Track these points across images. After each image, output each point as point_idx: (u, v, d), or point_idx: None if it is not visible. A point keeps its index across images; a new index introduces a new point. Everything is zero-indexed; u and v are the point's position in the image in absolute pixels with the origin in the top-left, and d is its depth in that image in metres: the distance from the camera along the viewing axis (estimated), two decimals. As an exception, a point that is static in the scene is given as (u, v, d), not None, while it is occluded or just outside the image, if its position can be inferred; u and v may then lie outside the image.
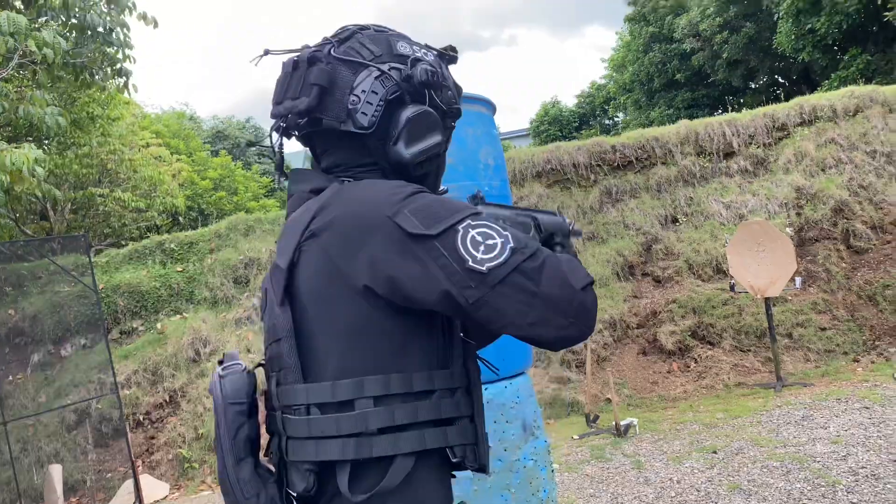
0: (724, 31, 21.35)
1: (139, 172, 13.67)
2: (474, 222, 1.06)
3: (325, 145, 1.28)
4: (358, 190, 1.15)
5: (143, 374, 7.45)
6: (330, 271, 1.10)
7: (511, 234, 1.06)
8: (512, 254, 1.03)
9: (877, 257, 7.58)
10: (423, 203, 1.08)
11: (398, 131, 1.20)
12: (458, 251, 1.03)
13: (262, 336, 1.27)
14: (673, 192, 8.50)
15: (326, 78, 1.19)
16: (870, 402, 5.59)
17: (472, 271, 1.02)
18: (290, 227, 1.20)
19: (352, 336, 1.10)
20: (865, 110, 8.63)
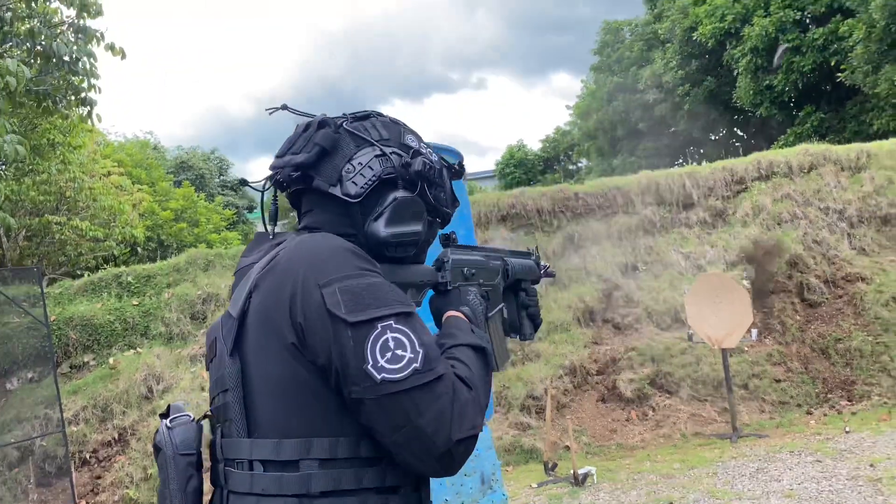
0: (686, 84, 21.99)
1: (99, 201, 13.41)
2: (396, 324, 1.06)
3: (311, 205, 1.29)
4: (306, 245, 1.15)
5: (93, 411, 7.23)
6: (266, 322, 1.11)
7: (424, 351, 1.05)
8: (412, 374, 1.03)
9: (829, 311, 7.76)
10: (357, 285, 1.08)
11: (382, 209, 1.22)
12: (363, 348, 1.04)
13: (209, 385, 1.27)
14: (633, 240, 8.64)
15: (330, 142, 1.23)
16: (822, 456, 5.67)
17: (365, 374, 1.03)
18: (246, 276, 1.21)
19: (287, 394, 1.09)
20: (819, 168, 8.92)
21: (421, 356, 1.05)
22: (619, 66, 24.80)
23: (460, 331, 1.24)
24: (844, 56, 17.45)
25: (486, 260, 1.46)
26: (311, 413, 1.08)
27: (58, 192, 12.72)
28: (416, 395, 1.03)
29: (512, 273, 1.51)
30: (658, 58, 22.98)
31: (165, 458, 1.18)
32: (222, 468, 1.16)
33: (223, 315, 1.22)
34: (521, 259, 1.57)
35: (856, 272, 7.93)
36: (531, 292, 1.56)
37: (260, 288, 1.14)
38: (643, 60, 24.12)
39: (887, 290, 7.71)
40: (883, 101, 16.66)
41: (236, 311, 1.16)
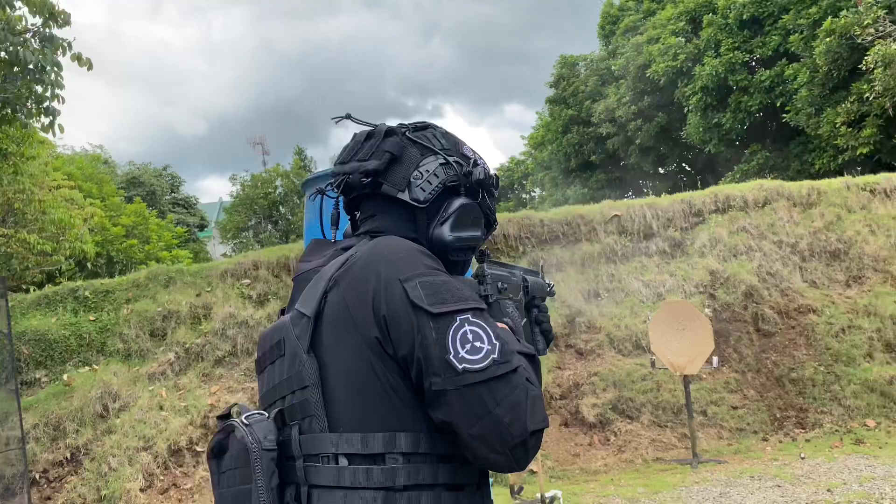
0: (639, 119, 22.60)
1: (48, 214, 13.00)
2: (473, 318, 1.11)
3: (375, 210, 1.34)
4: (383, 245, 1.19)
5: (44, 429, 6.97)
6: (346, 319, 1.14)
7: (501, 343, 1.10)
8: (491, 364, 1.07)
9: (783, 341, 8.02)
10: (435, 281, 1.13)
11: (448, 214, 1.28)
12: (445, 339, 1.08)
13: (264, 388, 1.30)
14: (596, 267, 8.80)
15: (399, 149, 1.29)
16: (781, 481, 5.84)
17: (447, 364, 1.07)
18: (317, 277, 1.24)
19: (367, 389, 1.12)
20: (773, 203, 9.26)
21: (498, 348, 1.09)
22: (573, 99, 25.35)
23: (511, 339, 1.24)
24: (789, 98, 18.22)
25: (510, 276, 1.52)
26: (391, 408, 1.12)
27: (6, 203, 12.32)
28: (494, 386, 1.06)
29: (531, 290, 1.57)
30: (612, 93, 23.58)
31: (249, 454, 1.16)
32: (301, 464, 1.17)
33: (291, 315, 1.24)
34: (534, 277, 1.63)
35: (807, 304, 8.24)
36: (543, 309, 1.62)
37: (339, 286, 1.17)
38: (597, 95, 24.70)
39: (837, 321, 8.02)
40: (824, 143, 17.41)
41: (310, 310, 1.19)
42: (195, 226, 24.38)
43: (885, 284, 8.49)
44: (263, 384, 1.30)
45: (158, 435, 6.95)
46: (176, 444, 6.92)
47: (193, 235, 23.73)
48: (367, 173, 1.28)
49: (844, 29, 15.13)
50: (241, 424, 1.20)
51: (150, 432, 6.99)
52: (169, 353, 7.73)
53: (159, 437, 6.91)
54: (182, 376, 7.58)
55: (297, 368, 1.18)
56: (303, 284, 1.30)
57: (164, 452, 6.86)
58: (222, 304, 8.04)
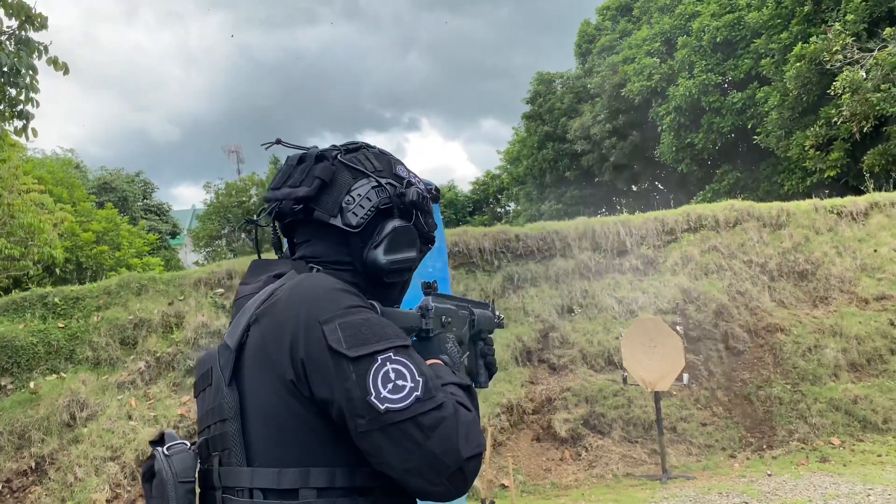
0: (613, 138, 22.89)
1: (17, 218, 12.80)
2: (395, 356, 1.10)
3: (308, 235, 1.34)
4: (306, 284, 1.19)
5: (8, 437, 6.83)
6: (263, 358, 1.15)
7: (424, 380, 1.09)
8: (415, 402, 1.07)
9: (751, 359, 8.15)
10: (356, 321, 1.13)
11: (382, 237, 1.28)
12: (366, 380, 1.07)
13: (198, 413, 1.31)
14: (570, 283, 8.88)
15: (329, 174, 1.29)
16: (748, 497, 5.92)
17: (369, 406, 1.07)
18: (244, 309, 1.25)
19: (284, 425, 1.13)
20: (744, 223, 9.44)
21: (421, 384, 1.09)
22: (549, 115, 25.60)
23: (444, 373, 1.27)
24: (760, 120, 18.59)
25: (457, 309, 1.53)
26: (307, 444, 1.13)
27: (-26, 206, 12.11)
28: (422, 421, 1.06)
29: (477, 324, 1.58)
30: (587, 110, 23.86)
31: (165, 486, 1.18)
32: (220, 495, 1.19)
33: (220, 345, 1.25)
34: (483, 310, 1.64)
35: (776, 323, 8.38)
36: (489, 342, 1.63)
37: (260, 323, 1.18)
38: (573, 112, 24.98)
39: (804, 341, 8.17)
40: (793, 165, 17.79)
41: (233, 342, 1.20)
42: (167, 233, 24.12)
43: (851, 305, 8.68)
44: (199, 409, 1.31)
45: (126, 445, 6.85)
46: (144, 454, 6.81)
47: (165, 243, 23.48)
48: (298, 200, 1.28)
49: (814, 54, 15.49)
50: (161, 455, 1.21)
51: (118, 442, 6.89)
52: (139, 362, 7.64)
53: (127, 448, 6.82)
54: (152, 386, 7.49)
55: (219, 400, 1.20)
56: (237, 311, 1.32)
57: (132, 463, 6.76)
58: (195, 314, 7.97)
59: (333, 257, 1.30)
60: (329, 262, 1.30)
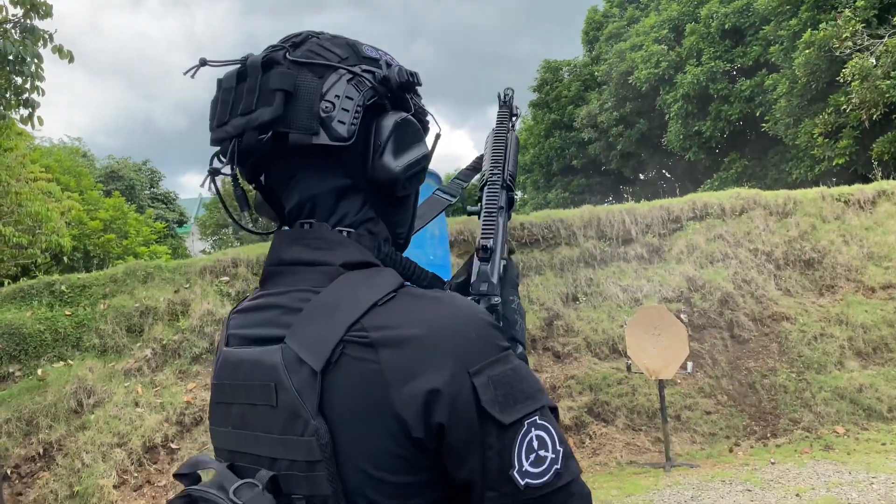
0: (620, 125, 22.80)
1: (25, 207, 12.89)
2: (540, 420, 0.90)
3: (289, 172, 1.03)
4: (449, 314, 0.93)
5: (17, 424, 6.90)
6: (377, 394, 0.88)
7: (564, 448, 0.92)
8: (554, 477, 0.90)
9: (756, 348, 8.14)
10: (507, 373, 0.90)
11: (383, 141, 1.01)
12: (511, 451, 0.88)
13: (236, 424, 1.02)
14: (575, 271, 8.87)
15: (290, 81, 0.97)
16: (751, 485, 5.93)
17: (509, 480, 0.88)
18: (319, 311, 0.94)
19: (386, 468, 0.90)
20: (750, 211, 9.40)
21: (562, 455, 0.91)
22: (556, 103, 25.52)
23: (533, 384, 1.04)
24: (768, 108, 18.48)
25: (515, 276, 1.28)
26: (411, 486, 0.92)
27: (-19, 195, 12.19)
28: (553, 498, 0.91)
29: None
30: (594, 98, 23.77)
31: None
32: None
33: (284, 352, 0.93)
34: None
35: (781, 311, 8.36)
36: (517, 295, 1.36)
37: (373, 350, 0.89)
38: (580, 100, 24.89)
39: (809, 329, 8.15)
40: (801, 153, 17.69)
41: (317, 361, 0.90)
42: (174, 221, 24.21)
43: (857, 294, 8.65)
44: (228, 421, 1.03)
45: (133, 431, 6.91)
46: (151, 440, 6.88)
47: (172, 231, 23.56)
48: (264, 127, 0.96)
49: (823, 41, 15.37)
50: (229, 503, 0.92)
51: (125, 429, 6.95)
52: (145, 350, 7.68)
53: (134, 434, 6.87)
54: (158, 373, 7.54)
55: (299, 432, 0.91)
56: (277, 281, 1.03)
57: (139, 449, 6.82)
58: (200, 301, 8.00)
59: (332, 186, 1.02)
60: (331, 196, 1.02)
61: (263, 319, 1.00)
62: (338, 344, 0.90)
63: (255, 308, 1.04)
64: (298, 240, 1.02)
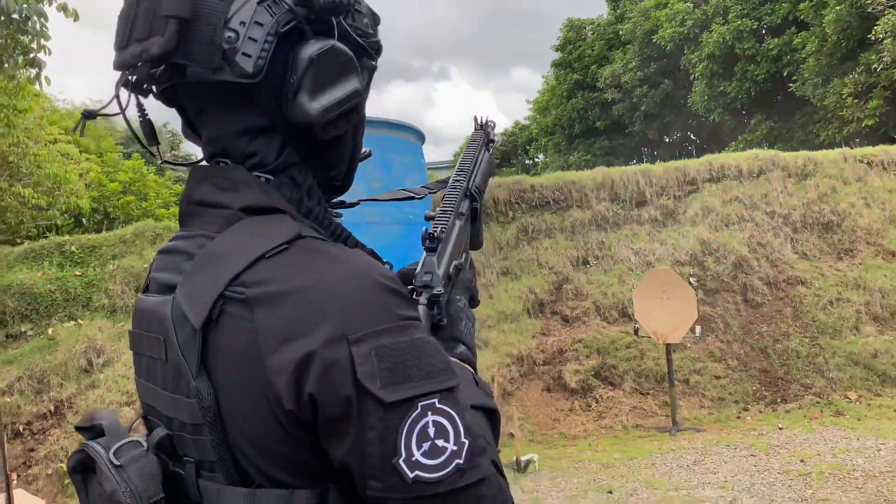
0: (644, 86, 22.33)
1: (43, 168, 13.00)
2: (440, 404, 0.78)
3: (197, 107, 0.93)
4: (334, 272, 0.81)
5: (28, 382, 7.01)
6: (252, 358, 0.79)
7: (471, 440, 0.79)
8: (454, 472, 0.77)
9: (769, 312, 7.99)
10: (401, 345, 0.79)
11: (298, 77, 0.87)
12: (396, 436, 0.76)
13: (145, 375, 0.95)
14: (586, 234, 8.74)
15: (187, 6, 0.83)
16: (756, 451, 5.85)
17: (393, 470, 0.76)
18: (207, 261, 0.85)
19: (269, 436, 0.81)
20: (768, 173, 9.15)
21: (466, 449, 0.78)
22: (579, 63, 25.05)
23: (464, 385, 0.93)
24: (796, 67, 17.94)
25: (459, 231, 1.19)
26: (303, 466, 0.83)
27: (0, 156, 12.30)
28: (453, 499, 0.77)
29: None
30: (618, 58, 23.28)
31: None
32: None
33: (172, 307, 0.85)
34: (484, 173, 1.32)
35: (797, 276, 8.18)
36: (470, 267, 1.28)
37: (250, 309, 0.80)
38: (603, 60, 24.40)
39: (825, 294, 7.97)
40: (830, 114, 17.18)
41: (197, 318, 0.81)
42: (195, 184, 24.30)
43: (877, 258, 8.42)
44: (141, 372, 0.96)
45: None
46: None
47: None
48: (155, 60, 0.85)
49: (855, -3, 14.83)
50: (107, 465, 0.86)
51: (133, 388, 7.04)
52: (154, 310, 7.75)
53: (142, 393, 6.96)
54: (167, 333, 7.61)
55: (183, 392, 0.84)
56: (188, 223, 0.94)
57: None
58: (209, 262, 8.03)
59: (243, 126, 0.90)
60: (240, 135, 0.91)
61: (170, 264, 0.93)
62: (217, 300, 0.81)
63: (167, 251, 0.96)
64: (207, 178, 0.93)
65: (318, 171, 0.96)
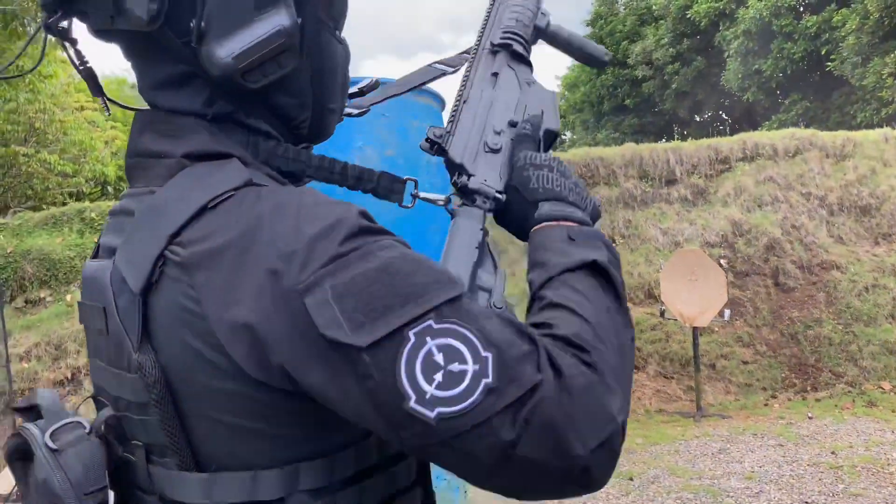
0: (676, 63, 21.83)
1: (69, 135, 13.05)
2: (438, 324, 0.64)
3: (123, 53, 0.82)
4: (270, 209, 0.69)
5: (45, 348, 6.99)
6: (200, 327, 0.68)
7: (495, 353, 0.64)
8: (485, 396, 0.62)
9: (802, 297, 7.73)
10: (366, 274, 0.65)
11: (199, 19, 0.73)
12: (396, 378, 0.63)
13: (92, 350, 0.85)
14: (613, 213, 8.51)
15: None
16: (784, 440, 5.65)
17: (410, 417, 0.63)
18: (146, 218, 0.74)
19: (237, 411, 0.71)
20: (804, 153, 8.83)
21: (492, 362, 0.63)
22: (610, 39, 24.52)
23: (548, 253, 0.79)
24: (835, 46, 17.37)
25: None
26: (285, 437, 0.72)
27: (27, 122, 12.33)
28: (502, 423, 0.63)
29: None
30: (650, 34, 22.76)
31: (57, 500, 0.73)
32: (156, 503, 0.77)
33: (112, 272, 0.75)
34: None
35: (831, 260, 7.90)
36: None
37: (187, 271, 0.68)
38: (635, 35, 23.87)
39: (861, 279, 7.68)
40: (869, 94, 16.64)
41: (136, 281, 0.71)
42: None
43: (917, 244, 8.10)
44: (90, 348, 0.86)
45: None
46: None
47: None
48: (47, 5, 0.77)
49: (900, -28, 14.26)
50: (43, 453, 0.74)
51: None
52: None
53: (159, 362, 6.93)
54: (185, 303, 7.56)
55: (125, 366, 0.74)
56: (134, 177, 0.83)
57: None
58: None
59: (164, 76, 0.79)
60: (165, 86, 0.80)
61: (115, 225, 0.82)
62: (157, 260, 0.70)
63: (114, 212, 0.85)
64: (149, 124, 0.82)
65: (268, 120, 0.83)
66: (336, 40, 0.85)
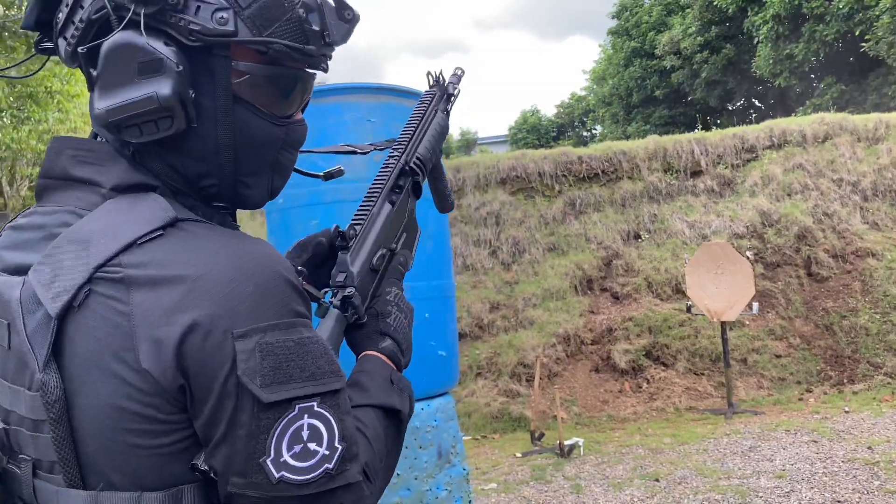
0: (705, 51, 21.42)
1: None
2: (318, 408, 0.75)
3: None
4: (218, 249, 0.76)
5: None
6: (121, 343, 0.73)
7: (343, 448, 0.76)
8: (321, 477, 0.74)
9: (836, 286, 7.49)
10: (289, 343, 0.75)
11: (96, 72, 0.80)
12: (268, 436, 0.73)
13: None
14: (637, 207, 8.36)
15: None
16: (818, 436, 5.46)
17: (258, 468, 0.72)
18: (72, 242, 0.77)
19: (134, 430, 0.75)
20: (835, 138, 8.56)
21: (338, 455, 0.76)
22: (636, 30, 24.19)
23: (374, 382, 0.94)
24: (870, 26, 16.85)
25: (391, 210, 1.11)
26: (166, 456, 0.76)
27: (57, 142, 12.61)
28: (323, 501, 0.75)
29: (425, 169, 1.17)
30: (677, 23, 22.37)
31: None
32: None
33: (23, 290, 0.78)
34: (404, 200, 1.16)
35: (867, 247, 7.64)
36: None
37: (127, 290, 0.73)
38: (662, 25, 23.49)
39: (898, 266, 7.42)
40: (907, 74, 16.14)
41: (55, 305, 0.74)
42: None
43: (957, 227, 7.80)
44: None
45: None
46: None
47: None
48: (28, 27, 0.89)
49: (934, -54, 13.78)
50: None
51: None
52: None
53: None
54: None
55: (25, 384, 0.77)
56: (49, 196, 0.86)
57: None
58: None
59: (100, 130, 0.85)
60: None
61: (22, 241, 0.84)
62: (83, 285, 0.74)
63: (20, 227, 0.87)
64: (65, 149, 0.85)
65: (167, 174, 0.87)
66: (265, 120, 0.88)
